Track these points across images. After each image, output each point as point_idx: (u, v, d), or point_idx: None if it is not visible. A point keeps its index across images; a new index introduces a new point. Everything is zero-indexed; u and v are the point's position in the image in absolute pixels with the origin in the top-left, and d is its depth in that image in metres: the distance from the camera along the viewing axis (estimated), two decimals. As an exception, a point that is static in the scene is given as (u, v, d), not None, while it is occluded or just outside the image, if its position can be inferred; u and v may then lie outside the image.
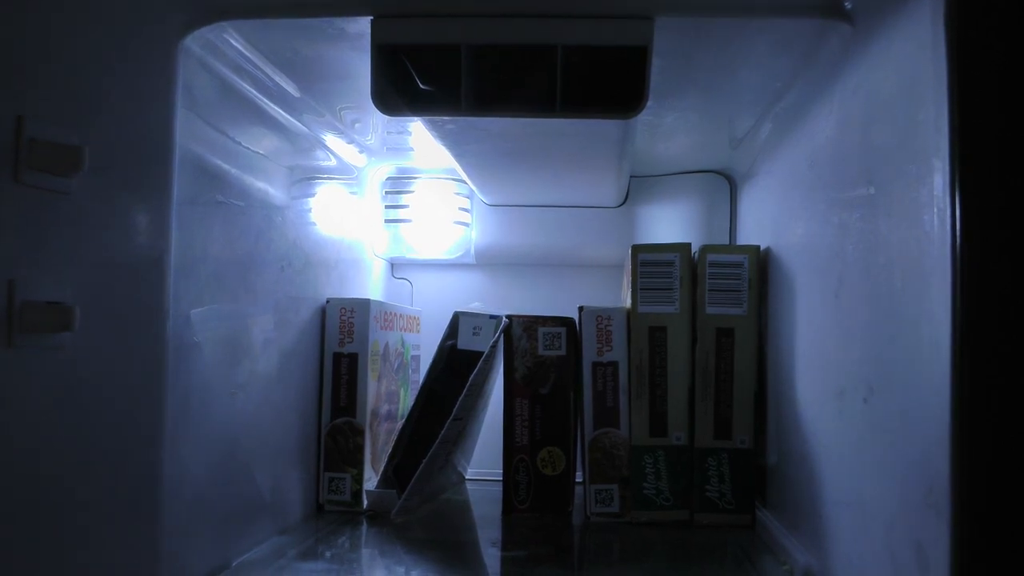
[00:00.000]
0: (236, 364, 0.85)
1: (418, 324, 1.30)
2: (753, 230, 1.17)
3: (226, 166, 0.82)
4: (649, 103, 0.90)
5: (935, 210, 0.52)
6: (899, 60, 0.61)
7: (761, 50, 0.80)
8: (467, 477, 1.29)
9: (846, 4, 0.68)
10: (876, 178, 0.65)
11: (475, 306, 1.18)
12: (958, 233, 0.49)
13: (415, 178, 1.28)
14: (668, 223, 1.29)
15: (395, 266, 1.39)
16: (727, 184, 1.28)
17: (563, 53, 0.71)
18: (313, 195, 1.05)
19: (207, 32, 0.73)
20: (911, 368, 0.57)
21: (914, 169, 0.56)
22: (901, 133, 0.60)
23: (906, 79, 0.59)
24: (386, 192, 1.29)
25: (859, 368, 0.69)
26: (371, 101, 0.75)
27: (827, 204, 0.79)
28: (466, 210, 1.31)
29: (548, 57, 0.71)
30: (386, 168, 1.27)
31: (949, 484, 0.49)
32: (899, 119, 0.60)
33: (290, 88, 0.88)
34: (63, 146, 0.57)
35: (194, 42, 0.73)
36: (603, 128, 0.85)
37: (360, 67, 0.80)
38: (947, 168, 0.50)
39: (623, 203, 1.31)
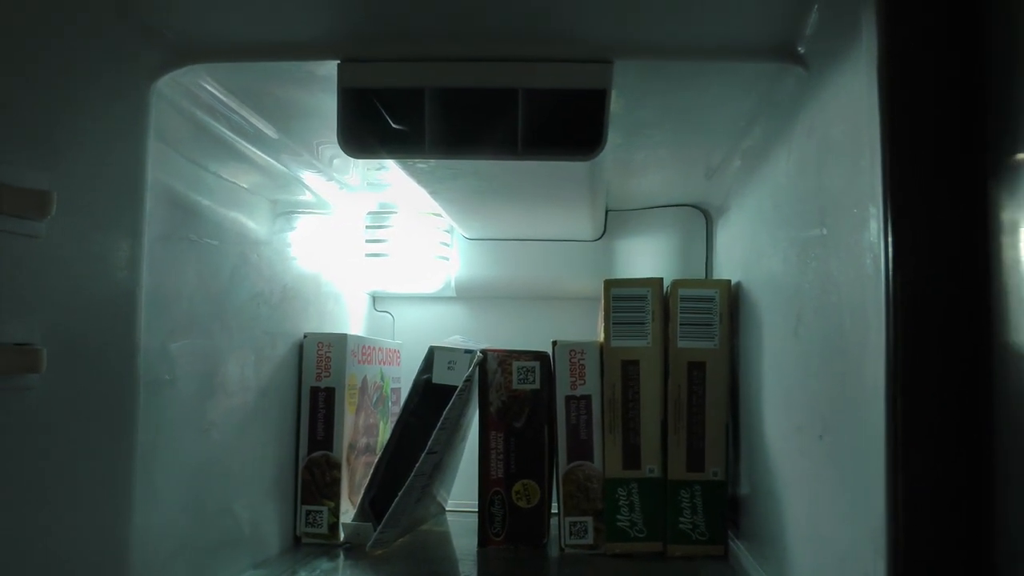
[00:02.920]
0: (210, 400, 0.86)
1: (398, 357, 1.32)
2: (727, 264, 1.18)
3: (201, 205, 0.83)
4: (619, 140, 0.92)
5: (871, 255, 0.53)
6: (846, 105, 0.62)
7: (723, 90, 0.81)
8: (447, 508, 1.30)
9: (799, 49, 0.70)
10: (828, 220, 0.67)
11: (455, 339, 1.19)
12: (891, 278, 0.51)
13: (395, 212, 1.30)
14: (646, 256, 1.31)
15: (377, 299, 1.41)
16: (703, 218, 1.29)
17: (524, 96, 0.72)
18: (292, 230, 1.07)
19: (179, 75, 0.75)
20: (857, 407, 0.58)
21: (858, 213, 0.58)
22: (847, 177, 0.61)
23: (851, 124, 0.60)
24: (367, 226, 1.30)
25: (815, 405, 0.70)
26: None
27: (788, 242, 0.81)
28: (446, 244, 1.32)
29: (510, 100, 0.73)
30: (366, 203, 1.28)
31: (884, 525, 0.51)
32: (846, 163, 0.62)
33: (266, 128, 0.90)
34: (33, 191, 0.58)
35: (166, 85, 0.74)
36: (570, 166, 0.86)
37: (334, 106, 0.82)
38: (881, 215, 0.52)
39: (601, 236, 1.32)
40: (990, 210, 0.49)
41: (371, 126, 0.76)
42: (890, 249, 0.51)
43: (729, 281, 1.06)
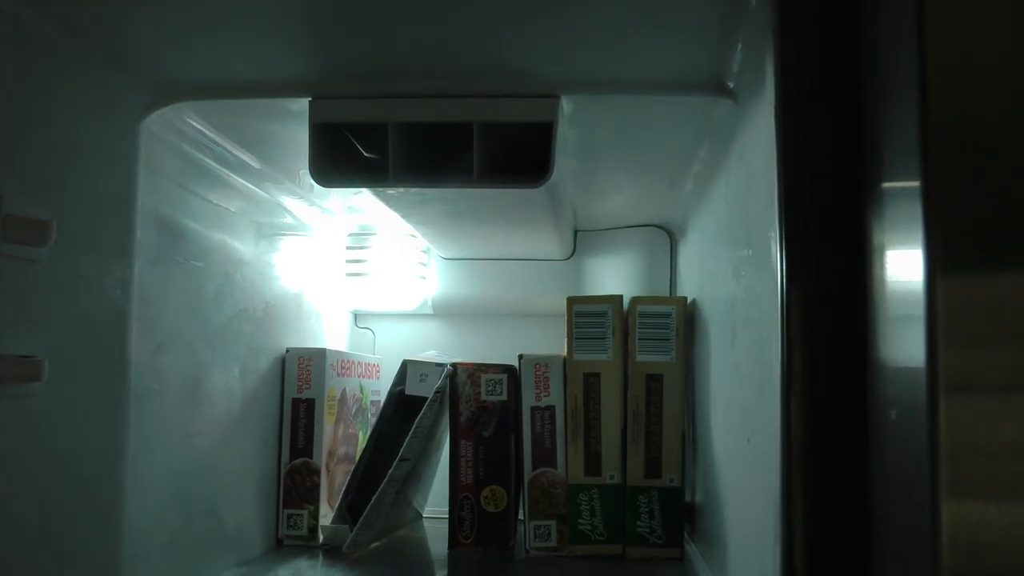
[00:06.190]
0: (196, 410, 0.92)
1: (378, 371, 1.38)
2: (687, 281, 1.25)
3: (187, 227, 0.90)
4: (575, 165, 0.98)
5: (772, 276, 0.60)
6: (764, 137, 0.68)
7: (666, 120, 0.88)
8: (424, 515, 1.36)
9: (729, 83, 0.77)
10: (752, 241, 0.73)
11: (430, 354, 1.26)
12: (785, 295, 0.58)
13: (375, 234, 1.36)
14: (613, 275, 1.37)
15: (358, 316, 1.47)
16: (667, 237, 1.36)
17: (478, 129, 0.79)
18: (275, 251, 1.13)
19: (165, 113, 0.81)
20: (770, 414, 0.64)
21: (772, 236, 0.64)
22: (764, 202, 0.67)
23: (767, 154, 0.67)
24: (347, 247, 1.37)
25: (744, 412, 0.77)
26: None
27: (728, 261, 0.87)
28: (424, 264, 1.39)
29: (466, 132, 0.79)
30: (347, 225, 1.34)
31: (779, 526, 0.57)
32: (764, 189, 0.68)
33: (248, 159, 0.96)
34: (34, 221, 0.65)
35: (154, 122, 0.81)
36: (527, 191, 0.92)
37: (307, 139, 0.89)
38: (778, 239, 0.58)
39: (571, 256, 1.39)
40: (867, 233, 0.56)
41: (340, 159, 0.82)
42: (784, 269, 0.58)
43: (685, 298, 1.13)
